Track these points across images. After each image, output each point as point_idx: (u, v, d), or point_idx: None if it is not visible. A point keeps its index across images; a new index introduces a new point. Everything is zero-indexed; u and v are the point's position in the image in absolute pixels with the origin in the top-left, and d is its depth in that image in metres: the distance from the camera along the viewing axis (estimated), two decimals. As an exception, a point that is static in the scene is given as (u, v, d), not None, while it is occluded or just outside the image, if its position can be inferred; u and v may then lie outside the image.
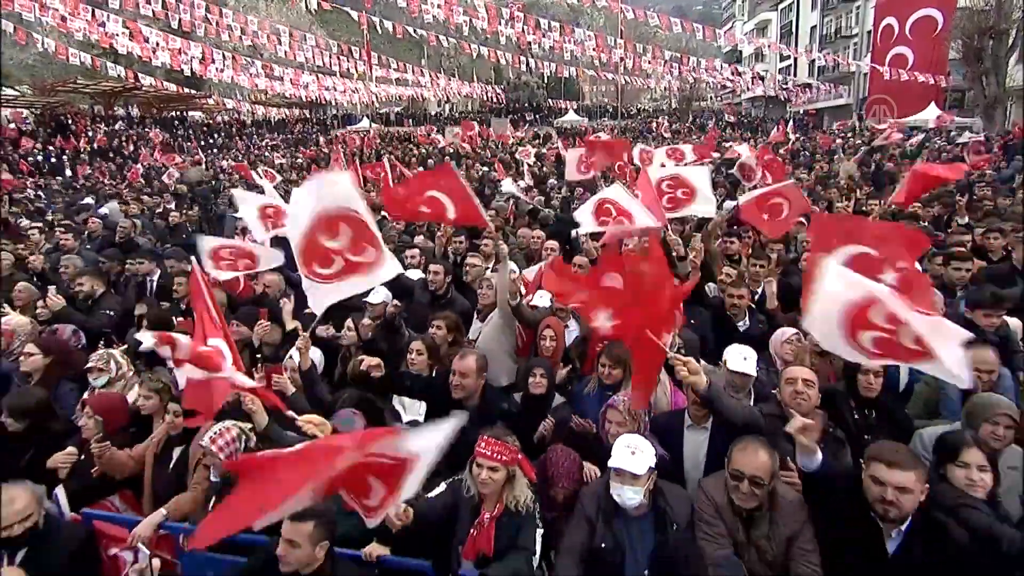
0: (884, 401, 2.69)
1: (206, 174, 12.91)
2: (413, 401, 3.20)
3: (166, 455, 2.84)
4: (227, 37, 29.14)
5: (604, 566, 2.11)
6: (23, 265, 5.87)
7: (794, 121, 32.27)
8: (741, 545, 2.09)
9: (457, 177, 3.70)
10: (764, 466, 2.06)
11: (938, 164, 7.40)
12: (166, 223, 8.45)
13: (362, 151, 19.83)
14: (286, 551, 1.98)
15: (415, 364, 3.16)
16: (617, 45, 27.05)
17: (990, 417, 2.27)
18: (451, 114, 43.99)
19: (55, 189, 15.99)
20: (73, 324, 4.09)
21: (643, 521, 2.15)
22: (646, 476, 2.14)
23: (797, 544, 2.02)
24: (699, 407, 2.63)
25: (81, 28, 25.52)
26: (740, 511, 2.09)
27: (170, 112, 35.62)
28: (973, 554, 1.84)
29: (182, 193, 10.77)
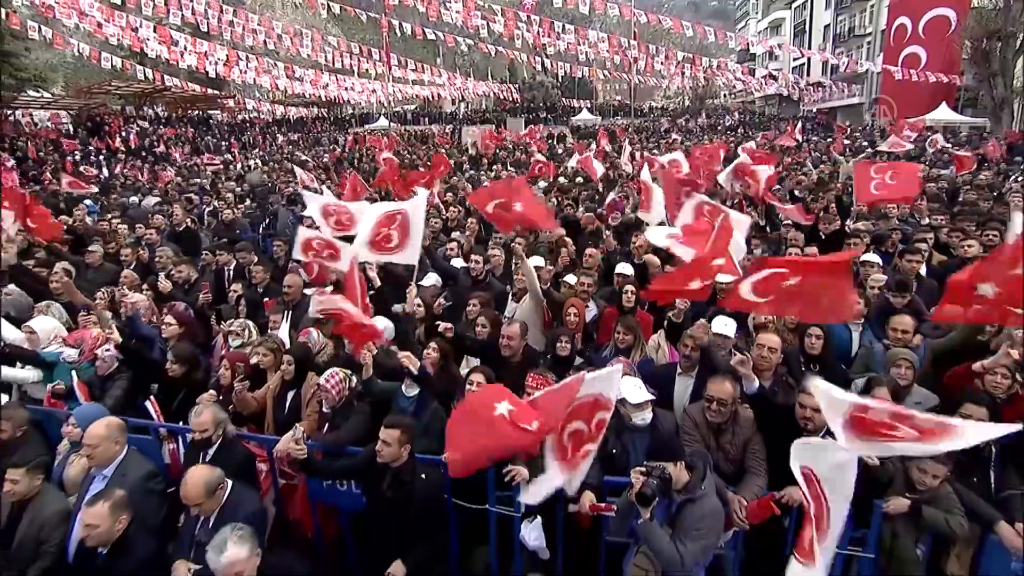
0: (826, 358, 3.56)
1: (265, 177, 14.07)
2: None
3: (282, 396, 3.77)
4: (251, 41, 30.16)
5: (615, 466, 2.99)
6: (113, 258, 6.88)
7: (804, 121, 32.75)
8: (711, 449, 2.96)
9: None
10: (729, 392, 2.94)
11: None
12: (221, 219, 9.42)
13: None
14: (382, 448, 2.88)
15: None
16: (631, 46, 27.72)
17: (896, 362, 3.12)
18: (466, 113, 44.89)
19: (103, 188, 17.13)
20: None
21: (643, 434, 3.02)
22: (648, 404, 3.02)
23: (750, 447, 2.90)
24: (688, 360, 3.53)
25: (115, 33, 26.70)
26: (712, 424, 2.98)
27: (194, 112, 36.86)
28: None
29: (244, 192, 11.81)
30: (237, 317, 4.81)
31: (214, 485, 2.79)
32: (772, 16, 51.84)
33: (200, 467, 2.89)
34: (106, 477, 3.10)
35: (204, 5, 26.75)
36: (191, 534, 2.88)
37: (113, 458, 3.13)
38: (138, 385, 4.17)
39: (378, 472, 2.86)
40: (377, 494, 2.89)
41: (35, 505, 3.08)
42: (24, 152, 24.04)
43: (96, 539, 2.66)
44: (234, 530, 2.44)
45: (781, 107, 44.45)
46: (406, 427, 2.86)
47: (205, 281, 5.48)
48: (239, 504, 2.85)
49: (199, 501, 2.75)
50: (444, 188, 10.11)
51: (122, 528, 2.71)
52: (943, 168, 12.93)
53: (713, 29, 25.15)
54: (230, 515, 2.76)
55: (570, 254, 5.72)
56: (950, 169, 12.19)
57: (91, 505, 2.69)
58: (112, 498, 2.72)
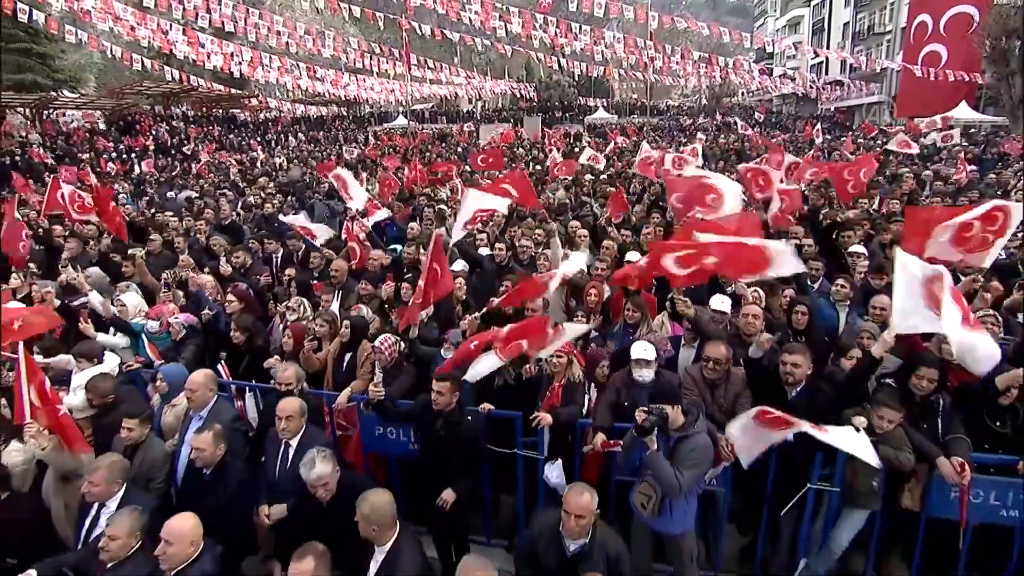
0: (810, 331, 4.11)
1: (304, 173, 14.94)
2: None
3: (340, 359, 4.40)
4: (274, 43, 31.00)
5: (624, 415, 3.56)
6: (168, 245, 7.61)
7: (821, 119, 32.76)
8: (707, 402, 3.53)
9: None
10: (723, 354, 3.51)
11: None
12: (261, 213, 10.14)
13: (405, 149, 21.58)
14: (437, 397, 3.48)
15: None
16: (646, 46, 28.06)
17: (859, 334, 3.70)
18: (483, 112, 45.52)
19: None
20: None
21: (648, 388, 3.57)
22: (654, 362, 3.58)
23: (740, 400, 3.46)
24: (690, 333, 4.10)
25: (146, 35, 27.72)
26: (708, 381, 3.54)
27: (218, 111, 37.98)
28: (833, 400, 3.27)
29: (278, 188, 12.59)
30: (289, 297, 5.48)
31: (304, 409, 3.49)
32: (791, 14, 51.59)
33: (294, 398, 3.54)
34: (202, 418, 3.75)
35: (232, 8, 27.63)
36: (273, 470, 3.53)
37: (207, 403, 3.78)
38: (209, 352, 4.88)
39: (432, 416, 3.47)
40: (430, 434, 3.51)
41: (143, 449, 3.70)
42: (64, 150, 25.27)
43: (203, 461, 3.31)
44: (319, 452, 3.07)
45: (799, 105, 44.37)
46: (454, 379, 3.48)
47: (265, 266, 6.17)
48: (314, 437, 3.50)
49: (290, 414, 3.41)
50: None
51: (221, 454, 3.36)
52: (952, 167, 13.19)
53: (728, 29, 25.36)
54: (307, 445, 3.40)
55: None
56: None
57: (199, 433, 3.35)
58: (214, 429, 3.37)
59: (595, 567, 2.72)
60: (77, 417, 3.80)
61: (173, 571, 2.65)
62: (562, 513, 2.75)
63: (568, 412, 3.61)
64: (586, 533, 2.77)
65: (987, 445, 3.21)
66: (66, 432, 3.60)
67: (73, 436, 3.62)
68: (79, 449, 3.64)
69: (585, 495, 2.75)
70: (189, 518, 2.74)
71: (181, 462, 3.68)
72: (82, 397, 3.91)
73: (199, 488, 3.40)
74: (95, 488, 3.09)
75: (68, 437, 3.60)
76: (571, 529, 2.71)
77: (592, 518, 2.75)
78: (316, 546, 2.51)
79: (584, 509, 2.70)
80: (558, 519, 2.80)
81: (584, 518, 2.70)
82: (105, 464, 3.16)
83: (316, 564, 2.42)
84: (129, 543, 2.75)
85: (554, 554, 2.78)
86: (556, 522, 2.81)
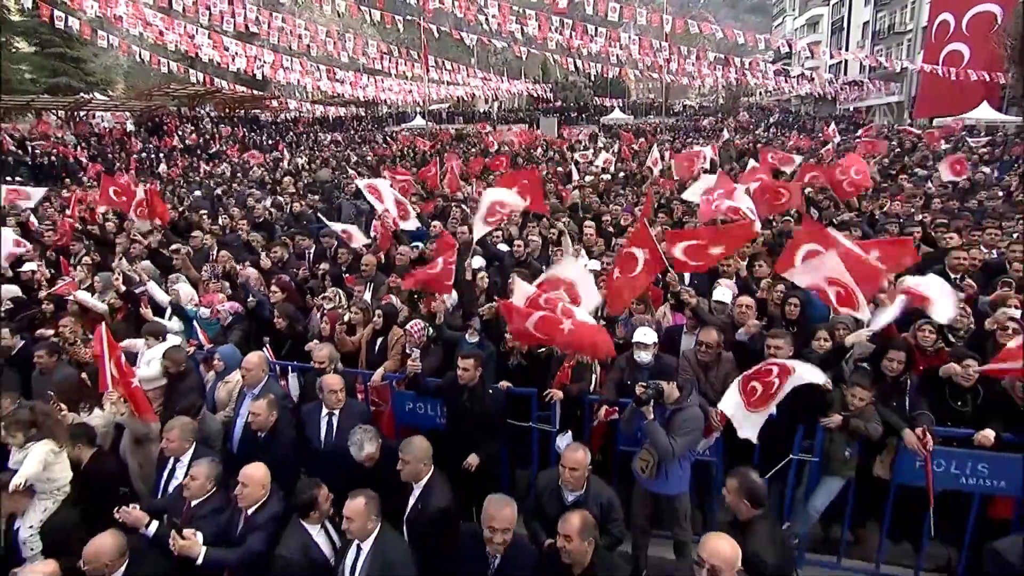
0: (801, 321, 4.50)
1: (332, 174, 15.66)
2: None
3: (373, 342, 4.92)
4: (295, 46, 31.76)
5: (627, 392, 4.00)
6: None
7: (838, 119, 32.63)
8: (701, 381, 3.97)
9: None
10: (714, 339, 3.95)
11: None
12: (290, 211, 10.74)
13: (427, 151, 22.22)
14: (463, 373, 3.96)
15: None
16: (662, 48, 28.30)
17: (835, 324, 4.11)
18: (500, 112, 46.05)
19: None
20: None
21: (648, 369, 4.02)
22: (653, 345, 4.02)
23: (729, 379, 3.87)
24: (692, 321, 4.54)
25: (174, 40, 28.68)
26: (701, 363, 3.99)
27: (240, 112, 38.98)
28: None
29: (305, 187, 13.25)
30: (324, 288, 6.02)
31: (342, 384, 4.02)
32: (809, 13, 51.27)
33: (337, 375, 4.08)
34: (254, 395, 4.27)
35: (256, 12, 28.46)
36: (317, 438, 4.04)
37: (260, 381, 4.29)
38: (254, 337, 5.43)
39: (458, 390, 3.96)
40: (457, 406, 4.01)
41: (199, 422, 4.25)
42: (97, 150, 26.35)
43: (258, 424, 3.84)
44: (365, 432, 3.55)
45: (817, 105, 44.13)
46: (478, 356, 3.98)
47: (301, 261, 6.73)
48: (352, 407, 4.02)
49: (337, 388, 3.96)
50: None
51: (273, 420, 3.88)
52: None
53: (743, 30, 25.50)
54: (348, 414, 3.92)
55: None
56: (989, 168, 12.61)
57: (255, 401, 3.88)
58: (268, 398, 3.90)
59: (592, 512, 3.15)
60: (149, 388, 4.35)
61: (249, 509, 3.18)
62: (560, 468, 3.21)
63: (578, 388, 4.10)
64: (581, 485, 3.22)
65: (949, 422, 3.60)
66: (137, 401, 4.13)
67: (143, 405, 4.16)
68: (148, 418, 4.19)
69: (579, 452, 3.21)
70: (260, 467, 3.27)
71: (237, 432, 4.21)
72: (156, 369, 4.47)
73: (254, 449, 3.91)
74: (171, 444, 3.64)
75: (139, 406, 4.14)
76: (567, 480, 3.17)
77: (585, 472, 3.20)
78: (367, 491, 3.00)
79: (578, 463, 3.16)
80: (558, 476, 3.26)
81: (577, 471, 3.16)
82: (178, 424, 3.70)
83: (367, 502, 2.91)
84: (206, 485, 3.29)
85: (555, 504, 3.23)
86: (556, 478, 3.28)
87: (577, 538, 2.67)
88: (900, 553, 4.00)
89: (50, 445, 3.30)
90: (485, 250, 6.44)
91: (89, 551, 2.75)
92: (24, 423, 3.37)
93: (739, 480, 2.87)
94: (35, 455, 3.22)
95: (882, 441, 3.62)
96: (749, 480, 2.88)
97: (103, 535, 2.83)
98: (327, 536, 3.22)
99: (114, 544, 2.80)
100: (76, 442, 3.57)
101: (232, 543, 3.18)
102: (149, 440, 4.16)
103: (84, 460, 3.59)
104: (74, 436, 3.60)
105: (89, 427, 3.91)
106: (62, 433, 3.48)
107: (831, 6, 47.59)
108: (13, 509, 3.20)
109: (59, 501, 3.30)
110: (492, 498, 2.88)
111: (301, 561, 3.03)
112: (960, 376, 3.57)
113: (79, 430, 3.75)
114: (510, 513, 2.86)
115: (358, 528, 2.90)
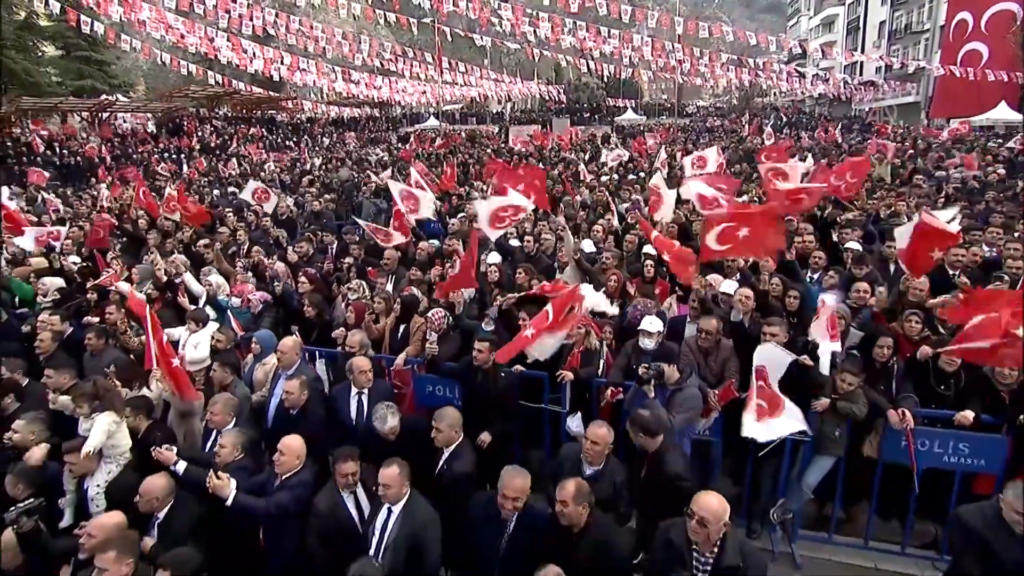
0: (801, 312, 4.77)
1: (352, 173, 16.14)
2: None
3: (395, 329, 5.27)
4: (312, 48, 32.31)
5: (631, 376, 4.31)
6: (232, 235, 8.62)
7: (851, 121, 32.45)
8: (700, 366, 4.27)
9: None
10: (714, 326, 4.25)
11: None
12: (310, 209, 11.14)
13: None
14: (477, 355, 4.30)
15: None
16: (675, 49, 28.46)
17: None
18: (512, 113, 46.37)
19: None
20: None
21: (653, 353, 4.31)
22: (657, 334, 4.32)
23: (728, 364, 4.19)
24: (696, 311, 4.82)
25: (194, 43, 29.36)
26: (702, 349, 4.28)
27: (257, 113, 39.72)
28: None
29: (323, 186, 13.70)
30: (349, 280, 6.39)
31: (371, 365, 4.39)
32: (825, 12, 50.90)
33: (366, 358, 4.45)
34: (288, 375, 4.64)
35: (274, 15, 29.05)
36: (348, 416, 4.39)
37: (293, 363, 4.66)
38: (282, 324, 5.81)
39: (473, 372, 4.29)
40: (472, 386, 4.35)
41: (230, 389, 4.60)
42: (121, 151, 27.14)
43: (290, 402, 4.19)
44: (388, 407, 3.89)
45: (832, 106, 43.85)
46: (492, 340, 4.32)
47: (323, 255, 7.13)
48: (380, 387, 4.37)
49: (365, 369, 4.32)
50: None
51: (305, 399, 4.23)
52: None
53: (756, 31, 25.56)
54: (377, 394, 4.28)
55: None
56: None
57: (289, 380, 4.24)
58: (301, 378, 4.26)
59: (604, 490, 3.49)
60: (194, 369, 4.75)
61: (283, 476, 3.54)
62: (583, 441, 3.51)
63: (586, 372, 4.42)
64: (600, 461, 3.52)
65: (933, 405, 3.86)
66: (177, 380, 4.46)
67: (183, 384, 4.48)
68: (188, 396, 4.54)
69: (603, 428, 3.51)
70: (298, 439, 3.62)
71: (271, 411, 4.58)
72: (203, 352, 4.87)
73: (287, 425, 4.26)
74: (215, 417, 4.02)
75: (179, 384, 4.47)
76: (588, 453, 3.48)
77: (605, 448, 3.50)
78: (399, 459, 3.34)
79: (599, 438, 3.46)
80: (580, 450, 3.57)
81: (599, 445, 3.46)
82: (222, 400, 4.08)
83: (400, 469, 3.25)
84: (234, 452, 3.68)
85: (574, 475, 3.48)
86: (578, 451, 3.59)
87: (572, 503, 2.96)
88: (889, 530, 4.26)
89: (112, 416, 3.67)
90: (499, 246, 6.77)
91: (144, 487, 3.24)
92: (89, 395, 3.77)
93: (633, 421, 3.44)
94: (99, 425, 3.60)
95: (870, 422, 3.88)
96: (639, 417, 3.41)
97: (156, 476, 3.33)
98: (355, 501, 3.56)
99: (164, 484, 3.28)
100: (136, 413, 3.96)
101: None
102: (192, 415, 4.55)
103: (141, 430, 3.98)
104: (134, 407, 3.99)
105: (148, 399, 4.32)
106: (121, 405, 3.86)
107: (847, 6, 47.23)
108: (85, 470, 3.60)
109: (121, 465, 3.68)
110: (508, 469, 3.19)
111: (328, 516, 3.41)
112: (944, 362, 3.82)
113: (139, 402, 4.15)
114: (520, 483, 3.14)
115: (394, 493, 3.25)
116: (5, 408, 4.35)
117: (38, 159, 24.20)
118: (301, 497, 3.50)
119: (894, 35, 40.81)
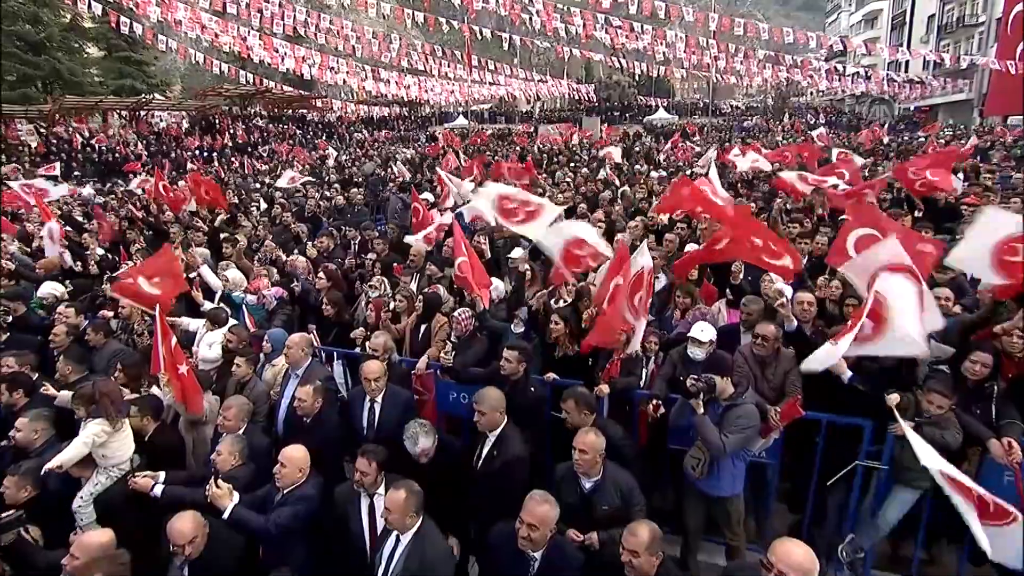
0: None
1: (378, 169, 16.04)
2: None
3: (417, 329, 4.90)
4: (342, 47, 32.46)
5: (679, 388, 3.83)
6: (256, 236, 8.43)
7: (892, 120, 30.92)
8: (756, 378, 3.75)
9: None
10: (772, 332, 3.73)
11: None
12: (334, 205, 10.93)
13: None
14: (505, 364, 3.88)
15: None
16: (709, 46, 27.58)
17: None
18: (542, 112, 45.94)
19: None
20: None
21: (703, 363, 3.83)
22: (708, 343, 3.83)
23: (789, 376, 3.66)
24: (748, 319, 4.30)
25: (228, 42, 29.79)
26: (758, 358, 3.77)
27: (288, 111, 40.22)
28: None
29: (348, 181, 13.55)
30: (373, 276, 6.06)
31: (382, 371, 3.98)
32: (867, 7, 48.97)
33: (376, 361, 4.04)
34: (298, 376, 4.31)
35: (304, 15, 29.25)
36: (361, 424, 4.03)
37: (303, 362, 4.34)
38: (298, 322, 5.51)
39: (499, 381, 3.87)
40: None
41: (250, 385, 4.35)
42: (156, 148, 27.72)
43: (303, 410, 3.85)
44: (420, 426, 3.46)
45: (874, 104, 42.09)
46: (523, 349, 3.89)
47: (346, 251, 6.85)
48: (399, 394, 3.99)
49: (376, 375, 3.92)
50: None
51: (319, 406, 3.88)
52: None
53: (793, 28, 24.53)
54: (392, 402, 3.90)
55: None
56: None
57: (303, 386, 3.90)
58: (314, 384, 3.91)
59: (610, 499, 3.06)
60: (209, 368, 4.48)
61: (285, 489, 3.19)
62: (573, 451, 3.08)
63: (625, 383, 3.93)
64: (596, 471, 3.09)
65: (1041, 433, 3.27)
66: (185, 388, 4.13)
67: (189, 395, 4.13)
68: (192, 409, 4.15)
69: (590, 435, 3.08)
70: (300, 449, 3.27)
71: (281, 414, 4.26)
72: (216, 352, 4.61)
73: (299, 433, 3.93)
74: (228, 423, 3.71)
75: (186, 393, 4.12)
76: (580, 464, 3.05)
77: (597, 455, 3.06)
78: (410, 483, 2.93)
79: (588, 445, 3.03)
80: (572, 464, 3.13)
81: (588, 453, 3.03)
82: (236, 404, 3.78)
83: (407, 496, 2.84)
84: (230, 459, 3.37)
85: (572, 492, 3.11)
86: (571, 465, 3.14)
87: (644, 552, 2.47)
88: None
89: (102, 426, 3.37)
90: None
91: (171, 533, 2.78)
92: (86, 398, 3.49)
93: (571, 397, 3.45)
94: (81, 436, 3.33)
95: (963, 451, 3.32)
96: (578, 394, 3.46)
97: (180, 516, 2.84)
98: (371, 508, 3.19)
99: (191, 526, 2.82)
100: (143, 414, 3.68)
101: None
102: (203, 423, 4.25)
103: (148, 432, 3.70)
104: (141, 407, 3.72)
105: (157, 399, 4.04)
106: (116, 412, 3.54)
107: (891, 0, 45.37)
108: (78, 475, 3.32)
109: (113, 478, 3.39)
110: (535, 493, 2.76)
111: (340, 518, 3.21)
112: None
113: (147, 402, 3.88)
114: (543, 511, 2.70)
115: (396, 520, 2.85)
116: (15, 403, 4.16)
117: (79, 155, 24.88)
118: (301, 514, 3.17)
119: (944, 29, 38.92)
